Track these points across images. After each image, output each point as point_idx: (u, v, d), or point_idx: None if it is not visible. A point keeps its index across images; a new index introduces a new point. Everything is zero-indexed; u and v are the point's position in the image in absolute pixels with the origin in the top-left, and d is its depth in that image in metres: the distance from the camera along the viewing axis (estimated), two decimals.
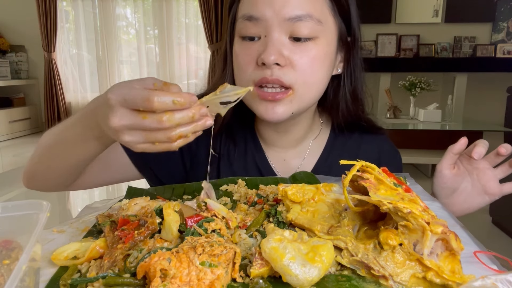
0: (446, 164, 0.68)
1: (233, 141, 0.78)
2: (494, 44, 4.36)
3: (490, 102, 4.42)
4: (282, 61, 0.61)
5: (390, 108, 3.65)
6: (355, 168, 0.43)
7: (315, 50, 0.63)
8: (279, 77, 0.61)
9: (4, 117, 4.71)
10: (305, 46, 0.62)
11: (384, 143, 0.83)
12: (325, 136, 0.80)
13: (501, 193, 0.67)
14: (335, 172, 0.72)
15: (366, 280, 0.38)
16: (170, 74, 5.25)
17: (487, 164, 0.67)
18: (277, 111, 0.63)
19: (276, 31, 0.61)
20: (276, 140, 0.77)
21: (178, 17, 5.14)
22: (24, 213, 0.39)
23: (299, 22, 0.60)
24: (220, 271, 0.35)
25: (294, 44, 0.62)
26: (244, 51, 0.65)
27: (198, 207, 0.48)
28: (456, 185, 0.69)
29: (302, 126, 0.76)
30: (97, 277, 0.37)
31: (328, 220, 0.44)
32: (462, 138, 0.66)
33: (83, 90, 5.44)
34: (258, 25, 0.62)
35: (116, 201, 0.58)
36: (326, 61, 0.65)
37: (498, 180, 0.67)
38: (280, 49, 0.61)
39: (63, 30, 5.24)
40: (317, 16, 0.62)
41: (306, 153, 0.78)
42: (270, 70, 0.61)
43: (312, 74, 0.64)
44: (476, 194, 0.68)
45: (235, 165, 0.77)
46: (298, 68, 0.62)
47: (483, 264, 0.39)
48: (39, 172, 0.66)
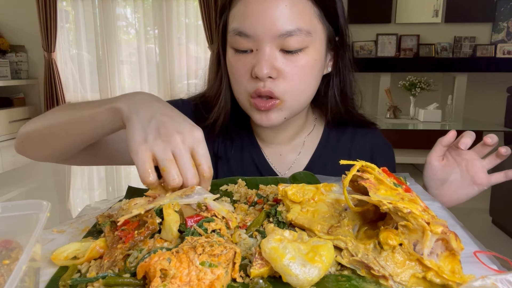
0: (435, 155, 0.71)
1: (230, 138, 0.81)
2: (494, 44, 4.36)
3: (490, 102, 4.42)
4: (274, 74, 0.64)
5: (390, 108, 3.66)
6: (355, 168, 0.43)
7: (305, 59, 0.65)
8: (271, 89, 0.65)
9: (4, 117, 4.71)
10: (296, 57, 0.65)
11: (376, 138, 0.85)
12: (319, 131, 0.83)
13: (489, 183, 0.69)
14: (330, 166, 0.77)
15: (366, 280, 0.38)
16: (170, 74, 5.25)
17: (475, 155, 0.69)
18: (271, 118, 0.68)
19: (267, 46, 0.63)
20: (271, 137, 0.80)
21: (178, 17, 5.14)
22: (24, 213, 0.39)
23: (289, 37, 0.62)
24: (220, 271, 0.35)
25: (285, 57, 0.64)
26: (238, 62, 0.67)
27: (198, 207, 0.48)
28: (446, 176, 0.71)
29: (296, 124, 0.79)
30: (97, 277, 0.37)
31: (328, 220, 0.44)
32: (451, 131, 0.69)
33: (83, 90, 5.43)
34: (249, 41, 0.64)
35: (116, 201, 0.58)
36: (317, 66, 0.68)
37: (486, 170, 0.69)
38: (272, 62, 0.64)
39: (63, 30, 5.24)
40: (307, 28, 0.64)
41: (301, 148, 0.81)
42: (263, 82, 0.65)
43: (301, 82, 0.66)
44: (465, 184, 0.70)
45: (232, 160, 0.80)
46: (289, 79, 0.65)
47: (483, 264, 0.39)
48: (40, 137, 0.66)
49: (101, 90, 5.34)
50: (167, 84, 5.25)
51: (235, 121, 0.79)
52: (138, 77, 5.33)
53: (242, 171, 0.79)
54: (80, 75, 5.39)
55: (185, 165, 0.48)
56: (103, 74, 5.28)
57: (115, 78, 5.30)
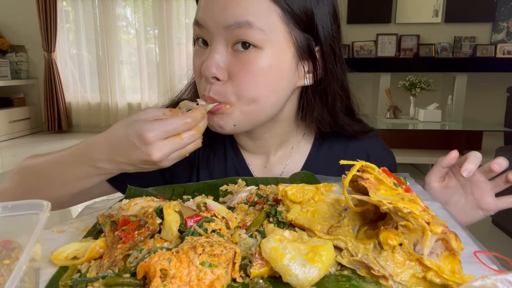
0: (434, 177, 0.66)
1: (212, 149, 0.76)
2: (494, 44, 4.36)
3: (490, 102, 4.43)
4: (220, 75, 0.58)
5: (390, 108, 3.66)
6: (355, 168, 0.43)
7: (257, 62, 0.58)
8: (213, 96, 0.60)
9: (4, 117, 4.72)
10: (246, 57, 0.58)
11: (373, 146, 0.78)
12: (309, 141, 0.77)
13: (497, 209, 0.62)
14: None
15: (366, 280, 0.38)
16: (170, 74, 5.25)
17: (482, 176, 0.62)
18: (218, 123, 0.62)
19: (217, 41, 0.58)
20: (253, 147, 0.75)
21: (178, 17, 5.14)
22: (24, 213, 0.39)
23: (238, 30, 0.56)
24: (220, 271, 0.35)
25: (235, 55, 0.58)
26: (195, 58, 0.63)
27: (198, 208, 0.48)
28: (446, 198, 0.65)
29: (279, 133, 0.72)
30: (97, 277, 0.37)
31: (328, 220, 0.44)
32: (453, 152, 0.62)
33: (83, 90, 5.44)
34: (203, 32, 0.60)
35: (116, 201, 0.58)
36: (272, 74, 0.60)
37: (494, 194, 0.62)
38: (218, 61, 0.58)
39: (63, 30, 5.24)
40: (259, 25, 0.56)
41: (287, 160, 0.75)
42: (209, 85, 0.60)
43: (253, 88, 0.59)
44: (469, 208, 0.64)
45: (215, 174, 0.75)
46: (238, 83, 0.59)
47: (483, 264, 0.39)
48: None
49: (101, 90, 5.34)
50: (167, 84, 5.25)
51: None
52: (138, 77, 5.33)
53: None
54: (80, 75, 5.39)
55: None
56: (103, 74, 5.28)
57: (115, 78, 5.31)
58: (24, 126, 5.09)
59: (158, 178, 0.75)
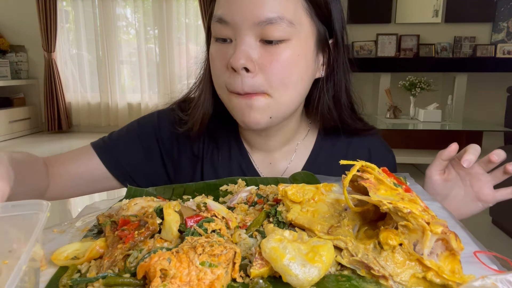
0: (435, 170, 0.67)
1: (216, 145, 0.76)
2: (494, 44, 4.36)
3: (490, 102, 4.43)
4: (251, 66, 0.58)
5: (390, 108, 3.66)
6: (355, 168, 0.43)
7: (287, 52, 0.59)
8: (248, 90, 0.60)
9: (4, 117, 4.72)
10: (276, 49, 0.59)
11: (375, 144, 0.79)
12: (313, 138, 0.78)
13: (495, 200, 0.65)
14: (324, 174, 0.70)
15: (366, 280, 0.38)
16: (170, 74, 5.26)
17: (480, 169, 0.65)
18: (255, 118, 0.62)
19: (245, 34, 0.59)
20: (261, 144, 0.75)
21: (178, 17, 5.14)
22: (24, 213, 0.39)
23: (269, 25, 0.57)
24: (220, 271, 0.35)
25: (264, 47, 0.59)
26: (217, 53, 0.63)
27: (198, 208, 0.48)
28: (447, 191, 0.67)
29: (288, 130, 0.73)
30: (97, 277, 0.37)
31: (328, 220, 0.44)
32: (452, 144, 0.64)
33: (83, 90, 5.44)
34: (228, 28, 0.60)
35: (116, 201, 0.58)
36: (300, 63, 0.62)
37: (492, 186, 0.64)
38: (248, 53, 0.58)
39: (63, 30, 5.24)
40: (289, 18, 0.58)
41: (292, 156, 0.76)
42: (240, 78, 0.59)
43: (285, 77, 0.60)
44: (469, 200, 0.66)
45: (219, 170, 0.75)
46: (269, 73, 0.59)
47: (483, 264, 0.39)
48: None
49: (101, 90, 5.34)
50: (167, 84, 5.25)
51: (221, 126, 0.75)
52: (138, 77, 5.33)
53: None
54: (80, 75, 5.39)
55: None
56: (103, 74, 5.28)
57: (115, 78, 5.31)
58: (24, 126, 5.09)
59: (161, 174, 0.77)
